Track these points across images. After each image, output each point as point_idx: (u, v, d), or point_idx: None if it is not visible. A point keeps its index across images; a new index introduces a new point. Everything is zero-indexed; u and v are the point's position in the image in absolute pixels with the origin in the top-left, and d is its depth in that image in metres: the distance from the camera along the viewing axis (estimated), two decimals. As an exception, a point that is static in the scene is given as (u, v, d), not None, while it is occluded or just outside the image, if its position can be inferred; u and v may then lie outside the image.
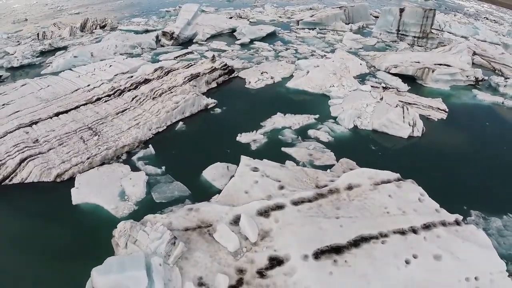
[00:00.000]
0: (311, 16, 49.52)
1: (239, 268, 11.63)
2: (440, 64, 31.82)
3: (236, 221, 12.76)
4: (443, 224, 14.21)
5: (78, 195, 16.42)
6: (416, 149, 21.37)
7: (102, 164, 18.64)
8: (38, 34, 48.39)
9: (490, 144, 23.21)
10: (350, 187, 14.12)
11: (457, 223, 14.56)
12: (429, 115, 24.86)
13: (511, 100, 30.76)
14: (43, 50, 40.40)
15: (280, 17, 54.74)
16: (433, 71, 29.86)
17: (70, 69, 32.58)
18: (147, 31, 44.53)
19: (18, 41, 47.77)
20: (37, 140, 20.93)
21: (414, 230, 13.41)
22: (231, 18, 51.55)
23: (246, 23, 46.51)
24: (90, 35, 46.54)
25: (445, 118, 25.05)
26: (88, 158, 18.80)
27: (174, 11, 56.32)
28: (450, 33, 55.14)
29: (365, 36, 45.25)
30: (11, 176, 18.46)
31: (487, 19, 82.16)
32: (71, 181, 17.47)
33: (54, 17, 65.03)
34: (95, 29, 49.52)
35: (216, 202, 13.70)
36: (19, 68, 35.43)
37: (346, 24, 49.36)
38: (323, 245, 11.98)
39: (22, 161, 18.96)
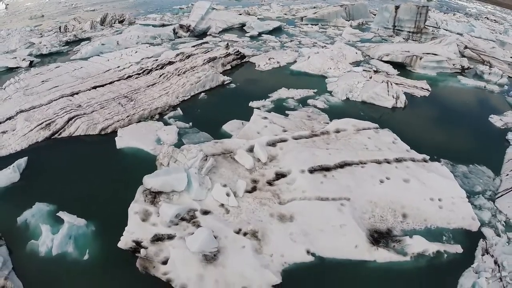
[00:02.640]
0: (314, 13, 55.57)
1: (253, 179, 16.88)
2: (428, 53, 37.15)
3: (251, 149, 18.13)
4: (412, 160, 19.31)
5: (122, 141, 21.86)
6: (398, 116, 26.90)
7: (139, 121, 24.25)
8: (60, 27, 54.61)
9: (464, 114, 28.74)
10: (337, 131, 19.27)
11: (424, 160, 19.56)
12: (413, 93, 30.26)
13: (493, 85, 35.92)
14: (68, 40, 46.55)
15: (285, 14, 61.09)
16: (420, 59, 35.24)
17: (98, 55, 38.62)
18: (163, 25, 50.91)
19: (41, 34, 54.06)
20: (80, 105, 26.58)
21: (387, 161, 18.52)
22: (240, 15, 57.69)
23: (255, 19, 52.60)
24: (110, 28, 52.75)
25: (427, 96, 30.59)
26: (127, 117, 24.36)
27: (187, 8, 63.11)
28: (446, 30, 60.43)
29: (363, 31, 51.25)
30: (60, 131, 23.84)
31: (487, 19, 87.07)
32: (113, 134, 22.97)
33: (70, 14, 71.12)
34: (114, 23, 55.82)
35: (235, 137, 18.98)
36: (48, 55, 41.29)
37: (346, 20, 55.25)
38: (315, 165, 17.21)
39: (69, 119, 24.52)
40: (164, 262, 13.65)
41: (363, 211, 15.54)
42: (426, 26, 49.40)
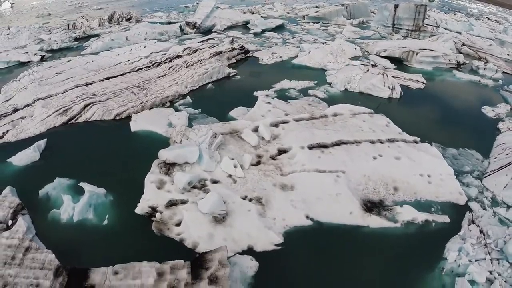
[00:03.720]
0: (315, 12, 57.50)
1: (258, 154, 18.62)
2: (425, 49, 38.82)
3: (256, 129, 19.94)
4: (404, 141, 21.07)
5: (136, 125, 23.73)
6: (393, 105, 28.59)
7: (151, 108, 26.05)
8: (68, 25, 56.51)
9: (457, 104, 30.33)
10: (335, 115, 21.00)
11: (415, 142, 21.23)
12: (408, 85, 31.95)
13: (488, 80, 37.41)
14: (78, 37, 48.59)
15: (288, 13, 63.04)
16: (417, 54, 36.90)
17: (108, 50, 40.60)
18: (170, 22, 52.92)
19: (49, 31, 56.16)
20: (94, 94, 28.43)
21: (380, 141, 20.24)
22: (244, 13, 59.75)
23: (258, 17, 54.62)
24: (118, 26, 54.81)
25: (422, 88, 32.23)
26: (140, 103, 26.19)
27: (192, 7, 65.32)
28: (445, 28, 62.03)
29: (363, 29, 53.01)
30: (76, 116, 25.63)
31: (488, 19, 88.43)
32: (127, 119, 24.79)
33: (77, 12, 73.38)
34: (122, 21, 57.94)
35: (242, 119, 20.76)
36: (58, 50, 43.28)
37: (347, 19, 57.08)
38: (314, 142, 18.95)
39: (85, 106, 26.36)
40: (178, 224, 15.33)
41: (357, 184, 17.16)
42: (424, 25, 51.16)
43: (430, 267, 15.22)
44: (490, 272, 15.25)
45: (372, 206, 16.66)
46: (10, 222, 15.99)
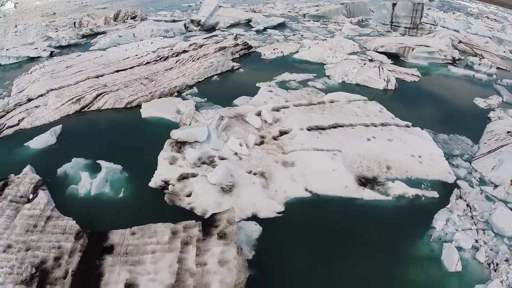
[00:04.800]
0: (316, 11, 59.51)
1: (261, 135, 20.37)
2: (421, 45, 40.53)
3: (259, 113, 21.78)
4: (396, 125, 22.70)
5: (146, 112, 25.52)
6: (388, 95, 30.39)
7: (160, 97, 27.82)
8: (74, 23, 58.39)
9: (450, 96, 31.97)
10: (332, 101, 22.76)
11: (407, 126, 22.84)
12: (404, 78, 33.64)
13: (482, 75, 39.02)
14: (85, 34, 50.51)
15: (289, 12, 65.15)
16: (413, 49, 38.62)
17: (116, 46, 42.46)
18: (174, 21, 55.03)
19: (56, 29, 58.17)
20: (105, 85, 30.21)
21: (374, 125, 21.96)
22: (246, 12, 61.77)
23: (260, 15, 56.67)
24: (124, 24, 56.79)
25: (417, 81, 33.96)
26: (150, 93, 27.95)
27: (195, 6, 67.59)
28: (443, 27, 63.80)
29: (362, 27, 54.88)
30: (89, 105, 27.42)
31: (488, 18, 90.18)
32: (137, 107, 26.58)
33: (81, 11, 75.44)
34: (127, 19, 59.92)
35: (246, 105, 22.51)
36: (66, 47, 45.16)
37: (347, 18, 59.02)
38: (312, 125, 20.70)
39: (97, 95, 28.11)
40: (188, 195, 16.96)
41: (352, 161, 18.78)
42: (422, 23, 52.97)
43: (419, 234, 16.76)
44: (476, 241, 16.65)
45: (366, 182, 18.28)
46: (31, 196, 17.51)
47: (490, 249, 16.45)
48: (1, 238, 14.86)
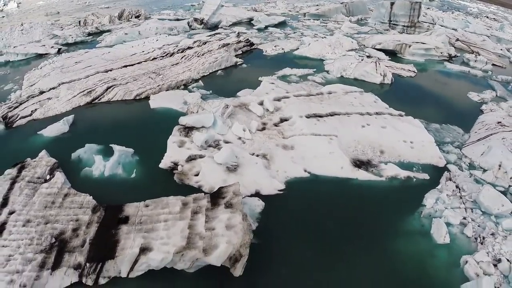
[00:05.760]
0: (316, 10, 61.39)
1: (263, 122, 22.02)
2: (417, 42, 42.14)
3: (261, 103, 23.40)
4: (390, 114, 24.22)
5: (155, 103, 27.21)
6: (384, 89, 31.98)
7: (168, 90, 29.50)
8: (79, 21, 60.39)
9: (445, 90, 33.56)
10: (329, 92, 24.43)
11: (400, 115, 24.36)
12: (400, 74, 35.23)
13: (477, 71, 40.42)
14: (91, 32, 52.45)
15: (290, 11, 67.21)
16: (409, 46, 40.23)
17: (122, 43, 44.22)
18: (177, 19, 56.98)
19: (61, 27, 60.00)
20: (115, 79, 31.92)
21: (369, 114, 23.58)
22: (248, 11, 63.72)
23: (262, 14, 58.53)
24: (128, 22, 58.68)
25: (412, 76, 35.56)
26: (157, 86, 29.65)
27: (198, 5, 69.76)
28: (441, 26, 65.40)
29: (361, 25, 56.68)
30: (100, 97, 29.08)
31: (487, 17, 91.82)
32: (146, 99, 28.30)
33: (85, 11, 77.46)
34: (131, 18, 61.88)
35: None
36: (73, 44, 46.97)
37: (346, 16, 60.83)
38: (311, 113, 22.25)
39: (108, 88, 29.78)
40: (196, 174, 18.53)
41: (348, 146, 20.34)
42: (420, 21, 54.68)
43: (410, 211, 18.16)
44: (464, 218, 17.88)
45: (360, 164, 19.80)
46: (48, 177, 18.96)
47: (478, 226, 17.61)
48: (20, 214, 16.32)
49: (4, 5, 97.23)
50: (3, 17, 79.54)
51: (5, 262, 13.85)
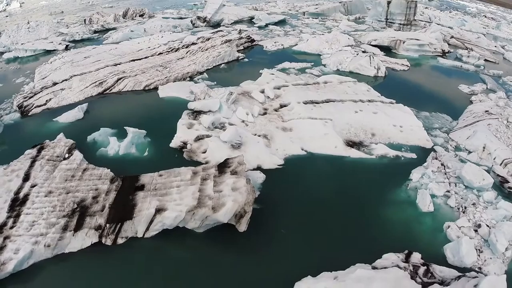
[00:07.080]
0: (315, 9, 63.98)
1: (264, 107, 24.36)
2: (411, 39, 44.53)
3: (262, 91, 25.71)
4: (381, 102, 26.42)
5: (163, 92, 29.54)
6: (378, 81, 34.35)
7: (175, 81, 31.81)
8: (84, 20, 62.82)
9: (436, 82, 35.79)
10: (325, 82, 26.81)
11: (391, 103, 26.61)
12: (394, 67, 37.58)
13: (470, 66, 42.78)
14: (97, 29, 55.03)
15: (289, 10, 70.07)
16: (404, 42, 42.59)
17: (128, 40, 46.68)
18: (181, 18, 59.72)
19: (67, 26, 62.55)
20: (124, 71, 34.24)
21: (362, 101, 25.88)
22: (249, 10, 66.47)
23: (262, 13, 61.27)
24: (133, 21, 61.36)
25: (406, 70, 37.94)
26: (165, 78, 31.99)
27: (200, 4, 72.63)
28: (438, 24, 67.85)
29: (359, 23, 59.34)
30: (111, 88, 31.42)
31: (485, 17, 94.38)
32: (155, 89, 30.65)
33: (89, 10, 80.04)
34: (135, 16, 64.57)
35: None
36: (80, 41, 49.45)
37: (344, 15, 63.45)
38: (308, 100, 24.49)
39: (118, 79, 32.11)
40: (204, 152, 20.82)
41: (342, 128, 22.64)
42: (415, 19, 57.17)
43: (397, 184, 20.30)
44: (448, 191, 19.80)
45: (353, 144, 22.10)
46: (66, 155, 21.12)
47: (461, 198, 19.46)
48: (42, 187, 18.29)
49: (7, 5, 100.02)
50: (7, 16, 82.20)
51: (30, 227, 15.62)
